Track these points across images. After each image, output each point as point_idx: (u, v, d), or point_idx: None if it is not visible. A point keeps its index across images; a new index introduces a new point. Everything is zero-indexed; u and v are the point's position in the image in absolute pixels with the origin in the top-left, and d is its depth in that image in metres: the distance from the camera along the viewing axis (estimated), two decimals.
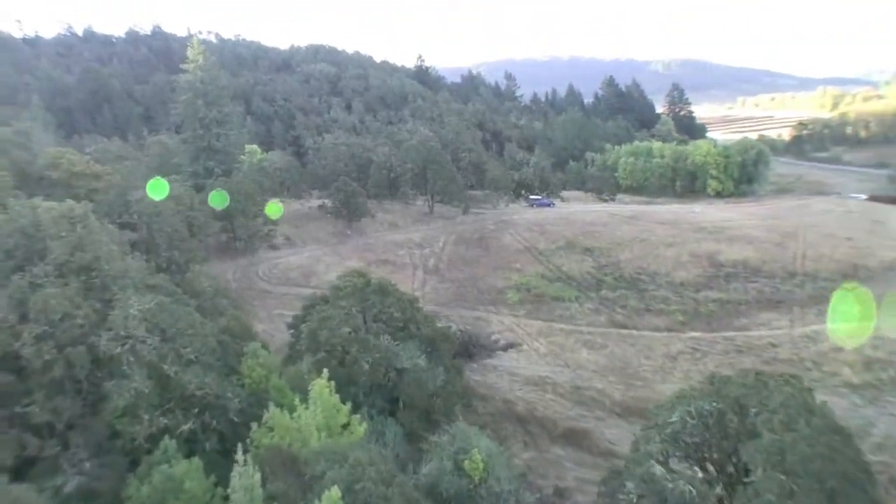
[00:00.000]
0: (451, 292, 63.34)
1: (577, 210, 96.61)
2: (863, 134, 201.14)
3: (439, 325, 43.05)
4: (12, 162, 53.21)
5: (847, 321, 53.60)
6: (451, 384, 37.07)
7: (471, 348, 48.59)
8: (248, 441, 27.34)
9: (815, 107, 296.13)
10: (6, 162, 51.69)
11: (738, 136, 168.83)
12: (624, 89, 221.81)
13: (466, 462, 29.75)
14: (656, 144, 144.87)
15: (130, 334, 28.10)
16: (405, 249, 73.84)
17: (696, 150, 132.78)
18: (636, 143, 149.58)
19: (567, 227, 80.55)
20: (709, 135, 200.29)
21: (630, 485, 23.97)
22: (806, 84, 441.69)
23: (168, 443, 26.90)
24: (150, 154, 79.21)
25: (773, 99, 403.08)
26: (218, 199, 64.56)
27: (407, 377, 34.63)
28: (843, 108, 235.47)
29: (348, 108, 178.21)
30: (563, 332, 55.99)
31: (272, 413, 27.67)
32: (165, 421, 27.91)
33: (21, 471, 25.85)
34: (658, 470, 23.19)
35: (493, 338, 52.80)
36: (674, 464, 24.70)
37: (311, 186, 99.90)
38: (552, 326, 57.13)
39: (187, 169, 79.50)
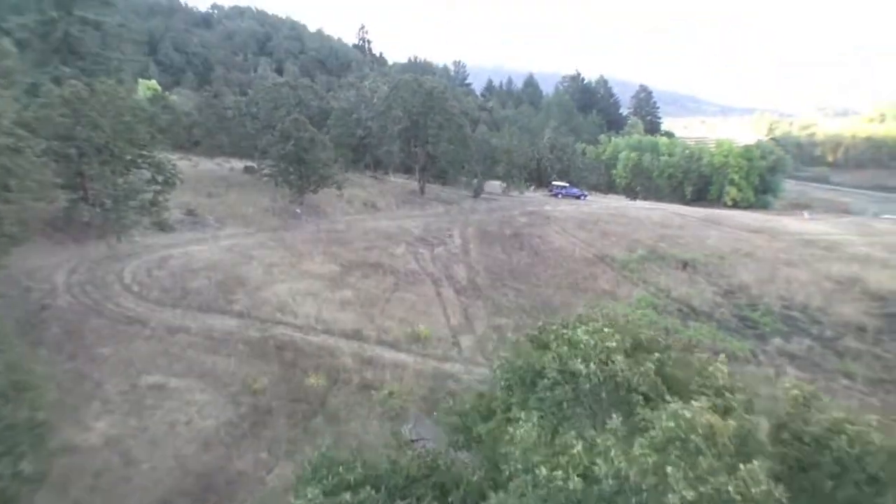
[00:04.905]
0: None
1: (625, 206, 69.87)
2: (830, 157, 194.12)
3: None
4: None
5: None
6: None
7: None
8: None
9: (750, 131, 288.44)
10: None
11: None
12: (591, 85, 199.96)
13: None
14: (663, 140, 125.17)
15: None
16: (403, 246, 42.54)
17: (718, 148, 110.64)
18: (636, 136, 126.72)
19: (633, 227, 55.78)
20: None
21: None
22: (727, 112, 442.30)
23: None
24: None
25: (703, 122, 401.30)
26: None
27: None
28: (778, 134, 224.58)
29: (279, 70, 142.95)
30: None
31: None
32: None
33: None
34: None
35: None
36: None
37: (232, 150, 66.59)
38: None
39: (23, 80, 44.93)
